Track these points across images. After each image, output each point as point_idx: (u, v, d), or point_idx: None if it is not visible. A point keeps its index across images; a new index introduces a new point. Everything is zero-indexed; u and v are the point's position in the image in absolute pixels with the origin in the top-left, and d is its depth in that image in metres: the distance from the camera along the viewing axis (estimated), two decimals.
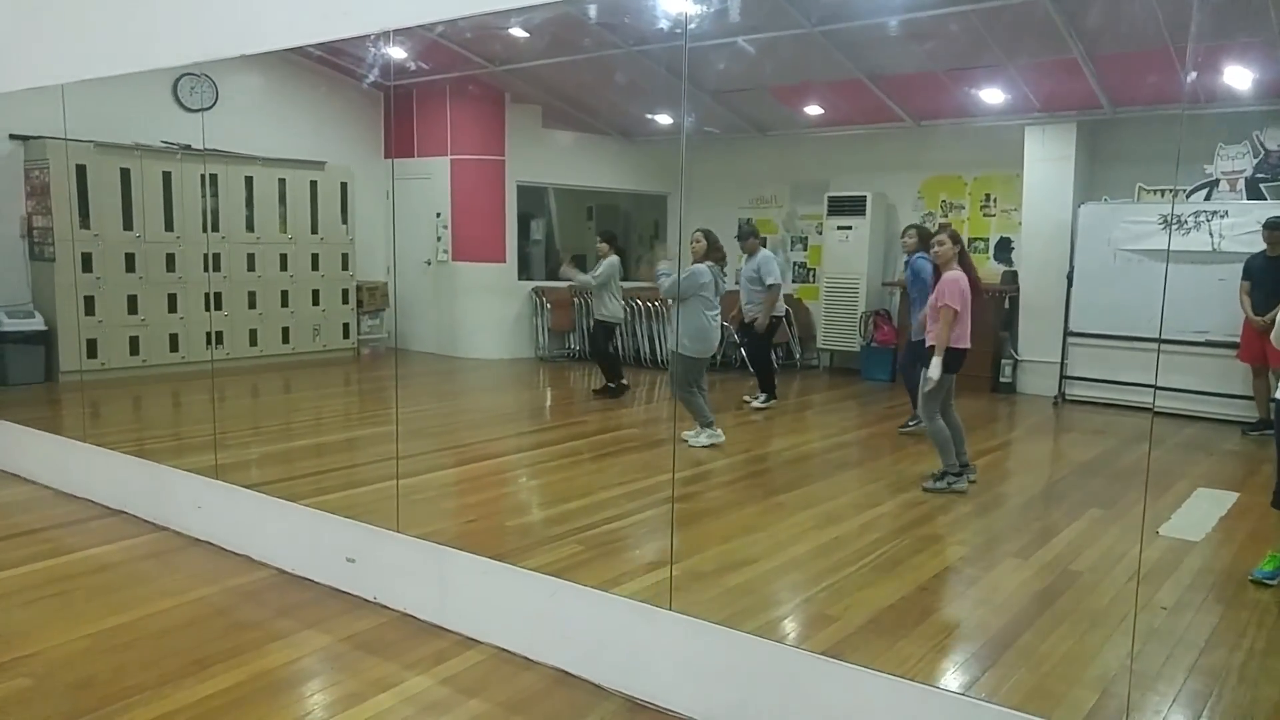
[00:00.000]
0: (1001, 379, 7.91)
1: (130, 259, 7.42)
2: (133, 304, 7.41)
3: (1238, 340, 6.19)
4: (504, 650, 2.94)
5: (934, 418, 4.61)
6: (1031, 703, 2.56)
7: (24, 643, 2.95)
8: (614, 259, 7.10)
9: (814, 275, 9.29)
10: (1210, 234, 6.70)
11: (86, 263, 7.15)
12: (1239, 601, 3.38)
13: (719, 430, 5.56)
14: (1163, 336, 6.39)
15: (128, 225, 7.43)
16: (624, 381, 7.20)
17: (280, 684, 2.74)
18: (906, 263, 6.04)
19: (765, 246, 6.89)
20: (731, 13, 6.33)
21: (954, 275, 4.50)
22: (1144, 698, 2.67)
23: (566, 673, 2.80)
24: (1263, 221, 5.97)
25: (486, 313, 9.30)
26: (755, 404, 6.73)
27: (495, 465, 5.40)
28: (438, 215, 9.22)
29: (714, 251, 5.56)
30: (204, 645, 2.93)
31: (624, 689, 2.70)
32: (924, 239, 5.53)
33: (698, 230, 5.62)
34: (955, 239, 4.59)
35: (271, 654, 2.89)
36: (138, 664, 2.81)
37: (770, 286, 6.64)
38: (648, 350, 8.76)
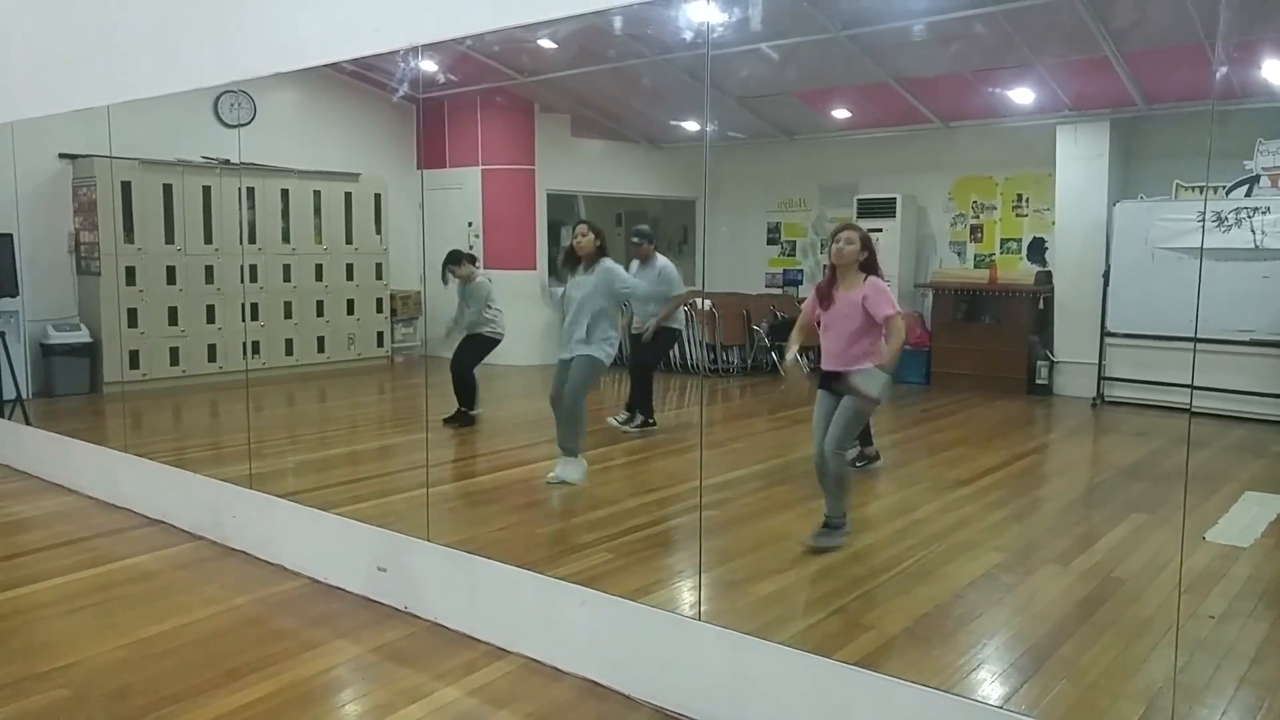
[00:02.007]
0: (1037, 381, 7.77)
1: (171, 272, 7.60)
2: (173, 315, 7.58)
3: None
4: (534, 660, 2.94)
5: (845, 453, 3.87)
6: (1074, 716, 2.50)
7: (63, 652, 3.00)
8: (479, 282, 6.30)
9: None
10: (1252, 231, 6.52)
11: (130, 276, 7.33)
12: None
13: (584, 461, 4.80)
14: (1206, 336, 6.24)
15: (169, 239, 7.61)
16: (476, 412, 6.28)
17: (312, 694, 2.76)
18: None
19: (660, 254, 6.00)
20: (756, 20, 6.30)
21: (880, 282, 3.82)
22: (1191, 710, 2.59)
23: (596, 683, 2.79)
24: None
25: (517, 320, 9.30)
26: (622, 425, 5.91)
27: (526, 472, 5.41)
28: (469, 224, 9.30)
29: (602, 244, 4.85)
30: (238, 655, 2.97)
31: (654, 700, 2.69)
32: (864, 243, 4.02)
33: (581, 223, 4.89)
34: (866, 243, 3.82)
35: (304, 664, 2.92)
36: (174, 674, 2.85)
37: (673, 296, 5.97)
38: (677, 356, 8.74)
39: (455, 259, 6.41)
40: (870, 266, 3.83)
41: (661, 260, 6.03)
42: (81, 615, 3.34)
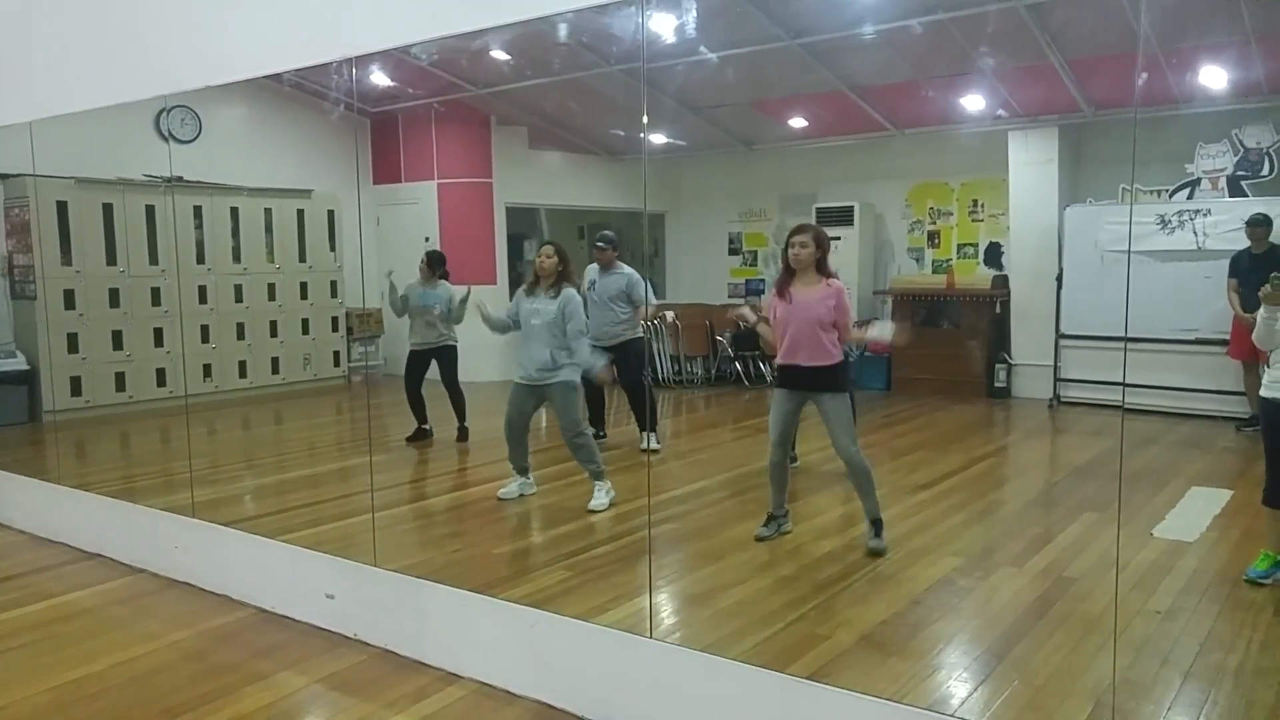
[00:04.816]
0: (996, 384, 7.87)
1: (114, 294, 7.38)
2: (118, 339, 7.36)
3: (1228, 337, 6.16)
4: (486, 685, 2.88)
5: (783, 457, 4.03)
6: (1025, 717, 2.50)
7: None
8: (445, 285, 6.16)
9: None
10: (1194, 232, 6.70)
11: (69, 300, 7.10)
12: (1233, 602, 3.33)
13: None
14: (1153, 336, 6.38)
15: (111, 260, 7.40)
16: (427, 427, 6.19)
17: None
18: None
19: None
20: (705, 29, 6.31)
21: (841, 288, 3.83)
22: (1139, 706, 2.60)
23: (549, 706, 2.74)
24: (1245, 219, 5.95)
25: (478, 335, 9.20)
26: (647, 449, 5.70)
27: (486, 491, 5.32)
28: (426, 239, 9.19)
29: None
30: (175, 693, 2.85)
31: None
32: (818, 243, 3.98)
33: (547, 244, 4.83)
34: (819, 242, 3.76)
35: (246, 698, 2.81)
36: (104, 716, 2.73)
37: (638, 307, 5.88)
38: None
39: (442, 260, 6.28)
40: (823, 265, 3.82)
41: (628, 270, 5.87)
42: (8, 658, 3.19)
